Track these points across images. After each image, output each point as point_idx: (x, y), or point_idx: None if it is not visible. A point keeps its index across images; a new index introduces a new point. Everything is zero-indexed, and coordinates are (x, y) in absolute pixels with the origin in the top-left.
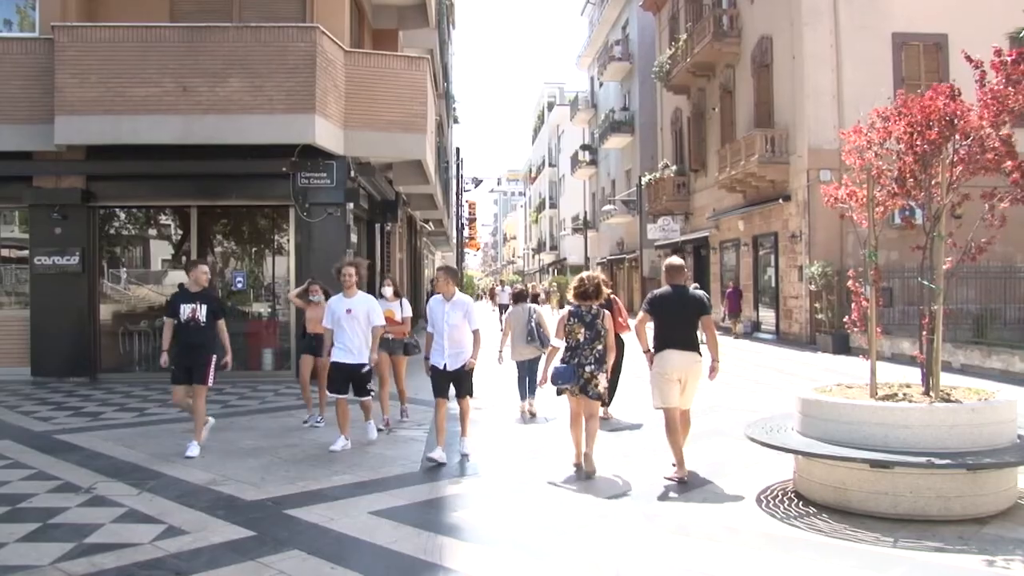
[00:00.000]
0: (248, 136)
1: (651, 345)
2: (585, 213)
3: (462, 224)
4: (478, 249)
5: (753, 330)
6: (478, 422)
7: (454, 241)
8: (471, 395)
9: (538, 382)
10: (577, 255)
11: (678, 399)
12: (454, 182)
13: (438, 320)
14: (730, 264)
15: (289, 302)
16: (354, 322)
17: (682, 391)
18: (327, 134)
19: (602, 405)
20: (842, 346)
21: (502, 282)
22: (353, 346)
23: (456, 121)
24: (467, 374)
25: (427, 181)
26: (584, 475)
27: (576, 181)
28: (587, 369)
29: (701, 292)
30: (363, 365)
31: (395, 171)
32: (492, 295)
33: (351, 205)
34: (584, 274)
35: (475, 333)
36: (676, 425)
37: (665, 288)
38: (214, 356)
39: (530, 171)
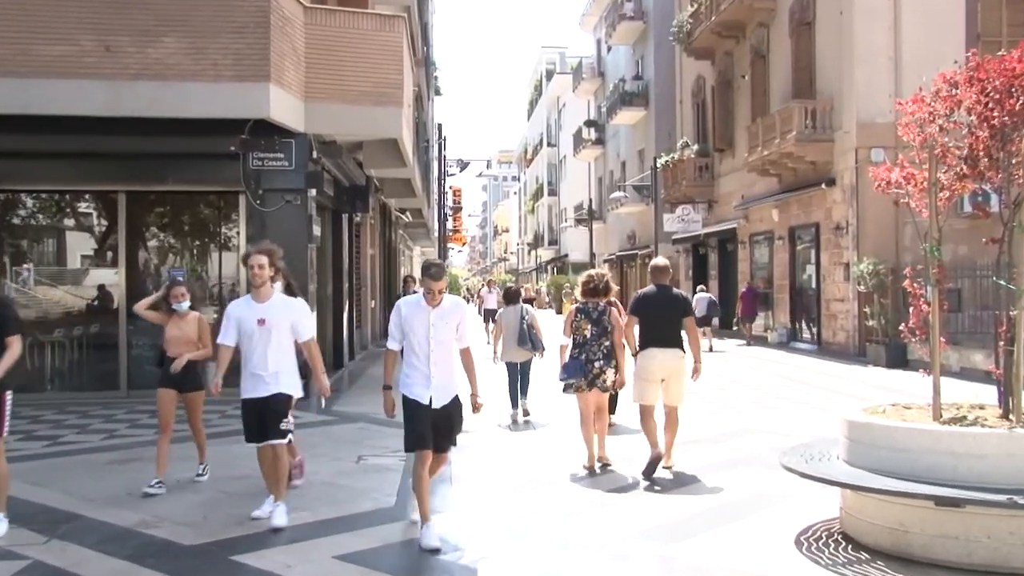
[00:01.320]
0: (188, 108)
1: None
2: (590, 201)
3: (445, 214)
4: (464, 244)
5: (789, 339)
6: (469, 431)
7: (436, 234)
8: (455, 445)
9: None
10: (580, 251)
11: (657, 397)
12: (436, 165)
13: (418, 335)
14: (762, 261)
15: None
16: (270, 337)
17: (667, 389)
18: (284, 107)
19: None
20: (898, 359)
21: (490, 283)
22: (269, 371)
23: (438, 92)
24: (460, 415)
25: (403, 163)
26: (601, 470)
27: (579, 163)
28: (596, 365)
29: (684, 294)
30: (286, 397)
31: (366, 152)
32: (479, 296)
33: (313, 191)
34: (593, 271)
35: (466, 353)
36: (651, 419)
37: (650, 288)
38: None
39: (525, 152)
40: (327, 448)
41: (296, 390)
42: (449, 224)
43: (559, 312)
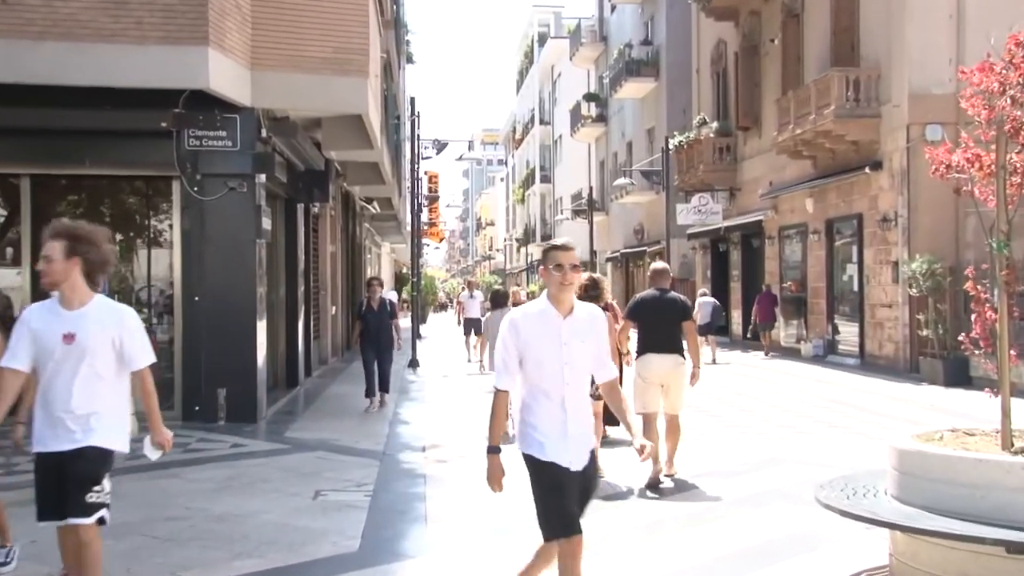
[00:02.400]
0: (107, 76)
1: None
2: (591, 189)
3: (419, 205)
4: (441, 240)
5: (827, 352)
6: (448, 461)
7: (408, 228)
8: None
9: None
10: (579, 248)
11: (659, 404)
12: (408, 146)
13: (548, 362)
14: (793, 259)
15: (171, 310)
16: (81, 361)
17: (667, 396)
18: (226, 76)
19: (610, 425)
20: (958, 375)
21: (471, 284)
22: (75, 413)
23: (411, 60)
24: (596, 476)
25: (370, 144)
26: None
27: (578, 145)
28: None
29: (683, 297)
30: (100, 454)
31: (325, 130)
32: (459, 301)
33: (262, 177)
34: (589, 275)
35: (612, 388)
36: (654, 427)
37: (649, 291)
38: None
39: (513, 131)
40: (279, 482)
41: (118, 442)
42: (424, 216)
43: None
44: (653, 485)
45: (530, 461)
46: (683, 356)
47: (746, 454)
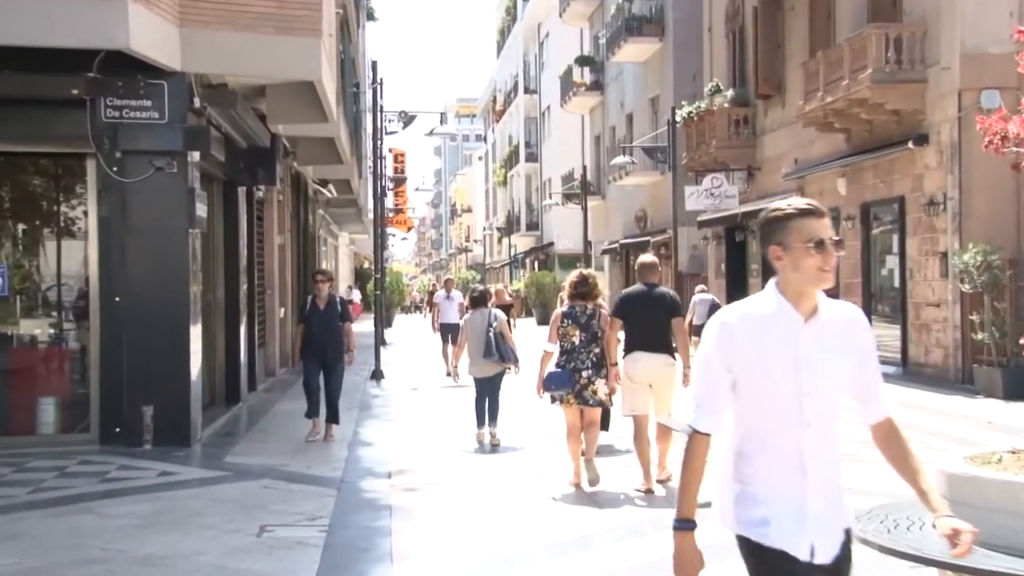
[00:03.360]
0: (7, 33)
1: (620, 355)
2: (584, 170)
3: (383, 188)
4: (410, 229)
5: None
6: (418, 489)
7: (371, 216)
8: None
9: (536, 390)
10: (571, 238)
11: (648, 405)
12: (370, 119)
13: (779, 390)
14: None
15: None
16: None
17: (656, 398)
18: (150, 34)
19: (602, 428)
20: (1019, 386)
21: (448, 283)
22: None
23: (372, 17)
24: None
25: (324, 117)
26: (588, 481)
27: (569, 117)
28: (583, 374)
29: (673, 292)
30: None
31: (270, 100)
32: (430, 302)
33: (196, 155)
34: (583, 270)
35: (892, 433)
36: (644, 433)
37: (636, 286)
38: None
39: (494, 102)
40: (217, 516)
41: None
42: (389, 202)
43: (543, 322)
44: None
45: (746, 546)
46: (673, 356)
47: None
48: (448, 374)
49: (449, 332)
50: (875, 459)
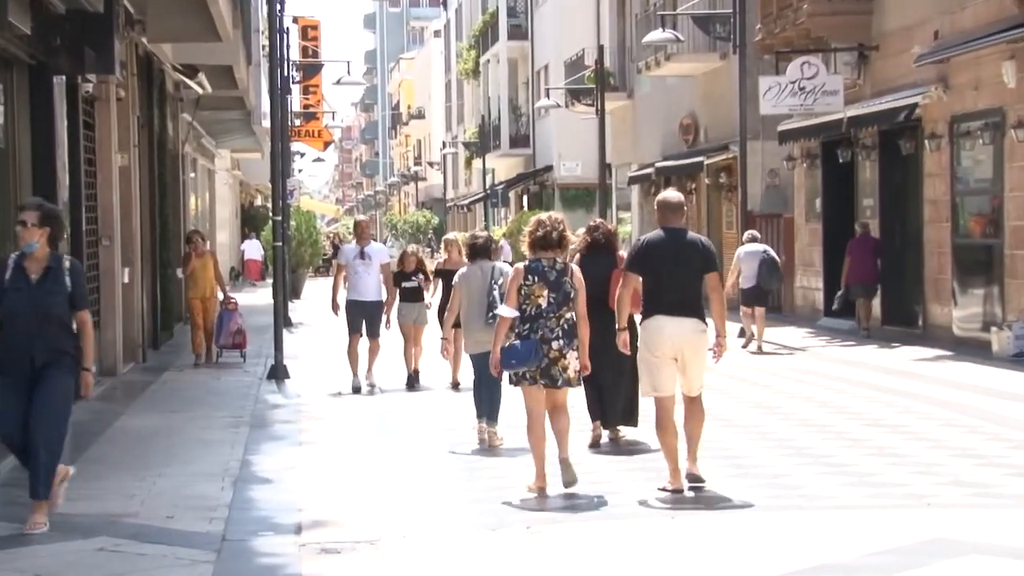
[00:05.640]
0: None
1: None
2: (601, 52)
3: (287, 80)
4: (328, 145)
5: None
6: (344, 552)
7: (266, 124)
8: None
9: (491, 367)
10: (580, 159)
11: (675, 383)
12: None
13: None
14: (976, 173)
15: None
16: None
17: (683, 372)
18: None
19: (625, 424)
20: None
21: (360, 227)
22: None
23: None
24: None
25: None
26: (563, 484)
27: None
28: (553, 345)
29: (706, 240)
30: None
31: None
32: (338, 266)
33: None
34: (544, 214)
35: None
36: (670, 420)
37: (656, 232)
38: None
39: None
40: None
41: None
42: (296, 102)
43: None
44: (678, 490)
45: None
46: (704, 321)
47: (888, 530)
48: (410, 378)
49: (363, 317)
50: None
